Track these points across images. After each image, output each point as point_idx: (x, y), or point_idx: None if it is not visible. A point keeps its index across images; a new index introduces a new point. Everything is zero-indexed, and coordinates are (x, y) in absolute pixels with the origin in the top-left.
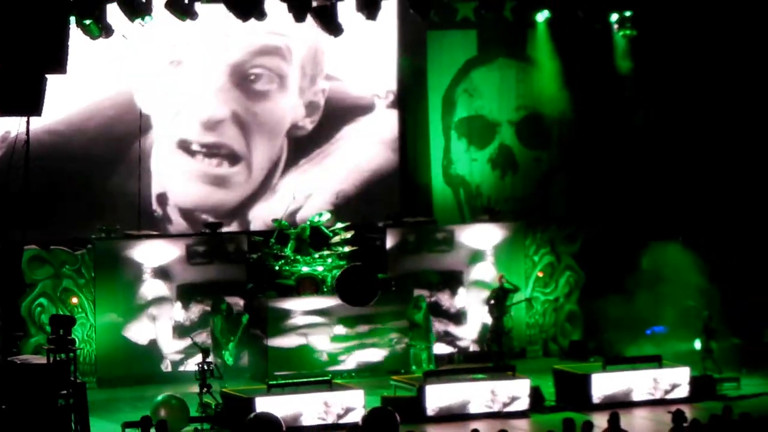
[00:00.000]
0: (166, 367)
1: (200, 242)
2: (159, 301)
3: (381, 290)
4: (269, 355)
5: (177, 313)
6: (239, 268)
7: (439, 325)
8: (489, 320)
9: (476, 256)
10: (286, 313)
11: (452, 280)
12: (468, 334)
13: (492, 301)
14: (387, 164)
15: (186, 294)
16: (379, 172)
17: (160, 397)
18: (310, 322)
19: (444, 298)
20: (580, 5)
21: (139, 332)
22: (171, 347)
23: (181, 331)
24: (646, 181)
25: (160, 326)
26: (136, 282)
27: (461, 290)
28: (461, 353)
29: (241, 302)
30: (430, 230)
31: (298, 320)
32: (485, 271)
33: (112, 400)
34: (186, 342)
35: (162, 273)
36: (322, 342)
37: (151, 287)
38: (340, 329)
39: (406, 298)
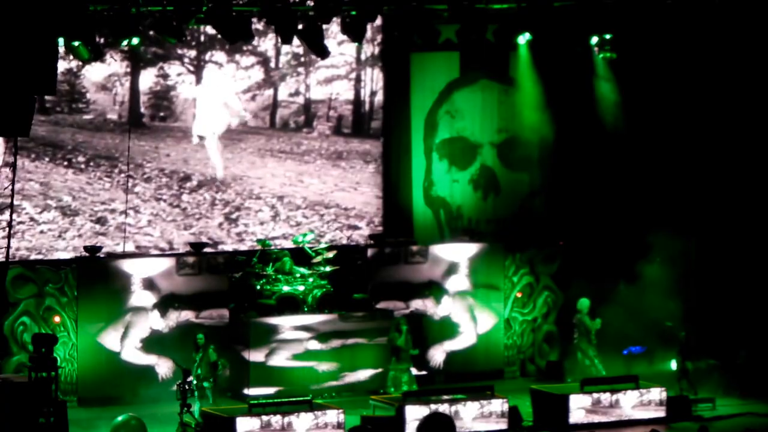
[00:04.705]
0: (147, 386)
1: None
2: (140, 312)
3: None
4: (251, 373)
5: (157, 323)
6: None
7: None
8: None
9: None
10: (268, 330)
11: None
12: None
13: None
14: (370, 185)
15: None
16: (361, 192)
17: (119, 418)
18: (291, 340)
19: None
20: (561, 28)
21: (120, 346)
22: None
23: (161, 344)
24: (627, 202)
25: (138, 338)
26: (122, 296)
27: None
28: (442, 374)
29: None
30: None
31: (279, 337)
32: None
33: (92, 419)
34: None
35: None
36: (302, 359)
37: (137, 300)
38: (321, 347)
39: (387, 315)
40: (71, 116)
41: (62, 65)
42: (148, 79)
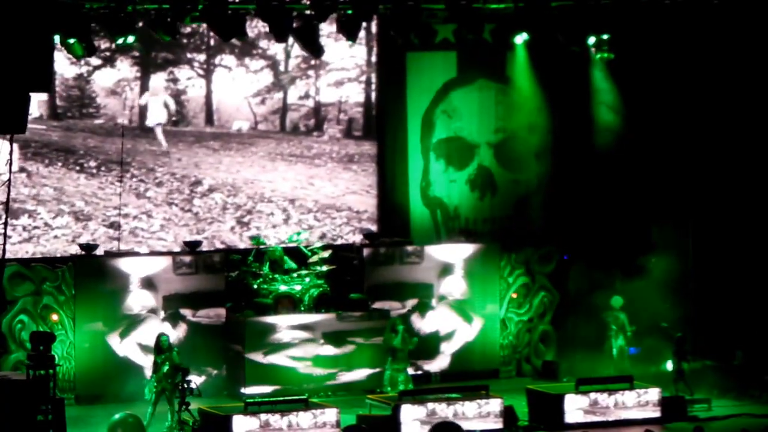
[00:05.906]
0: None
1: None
2: (137, 310)
3: None
4: (246, 371)
5: (154, 322)
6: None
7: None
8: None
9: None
10: (264, 329)
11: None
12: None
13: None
14: (366, 184)
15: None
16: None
17: (117, 416)
18: (287, 339)
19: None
20: (558, 28)
21: (119, 346)
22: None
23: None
24: (625, 201)
25: (136, 336)
26: (119, 295)
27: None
28: (438, 374)
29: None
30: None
31: (275, 336)
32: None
33: (89, 417)
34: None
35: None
36: (299, 358)
37: (134, 299)
38: (318, 346)
39: (384, 315)
40: (82, 121)
41: (72, 70)
42: (158, 83)
